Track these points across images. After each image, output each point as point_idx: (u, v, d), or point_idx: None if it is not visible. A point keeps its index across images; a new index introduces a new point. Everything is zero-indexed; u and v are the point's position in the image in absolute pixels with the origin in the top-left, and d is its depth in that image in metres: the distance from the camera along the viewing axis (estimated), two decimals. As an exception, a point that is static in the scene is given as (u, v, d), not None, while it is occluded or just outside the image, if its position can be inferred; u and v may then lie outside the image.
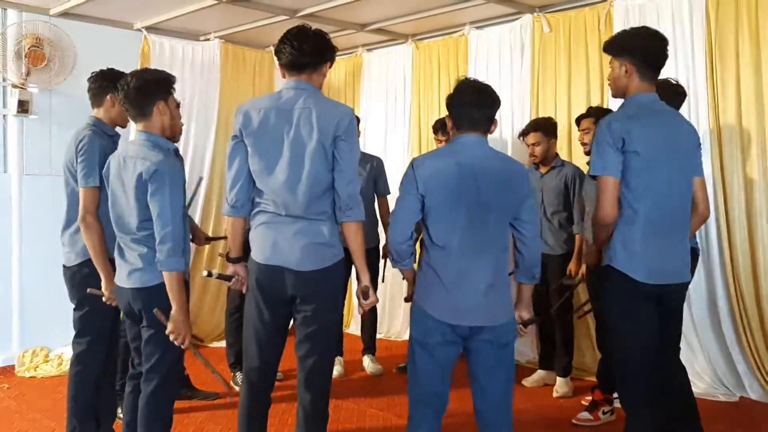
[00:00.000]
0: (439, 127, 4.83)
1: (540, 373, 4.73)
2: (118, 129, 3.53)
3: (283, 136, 2.72)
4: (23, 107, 5.04)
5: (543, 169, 4.54)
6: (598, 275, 3.09)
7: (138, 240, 2.85)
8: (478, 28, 5.67)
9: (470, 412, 2.76)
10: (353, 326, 6.14)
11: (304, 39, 2.78)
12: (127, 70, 5.36)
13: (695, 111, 4.52)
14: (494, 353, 2.62)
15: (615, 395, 3.80)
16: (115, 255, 3.00)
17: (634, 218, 2.75)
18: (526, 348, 5.32)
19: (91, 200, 3.23)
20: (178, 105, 3.15)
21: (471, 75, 5.60)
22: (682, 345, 4.55)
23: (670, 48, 4.62)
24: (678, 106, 3.43)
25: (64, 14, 5.21)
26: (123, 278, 2.93)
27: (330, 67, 2.90)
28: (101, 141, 3.29)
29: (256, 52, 6.39)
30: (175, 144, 3.15)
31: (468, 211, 2.57)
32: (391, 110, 6.33)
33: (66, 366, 5.04)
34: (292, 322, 2.94)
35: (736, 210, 4.38)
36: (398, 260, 2.73)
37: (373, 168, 4.85)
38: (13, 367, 5.02)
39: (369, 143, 6.37)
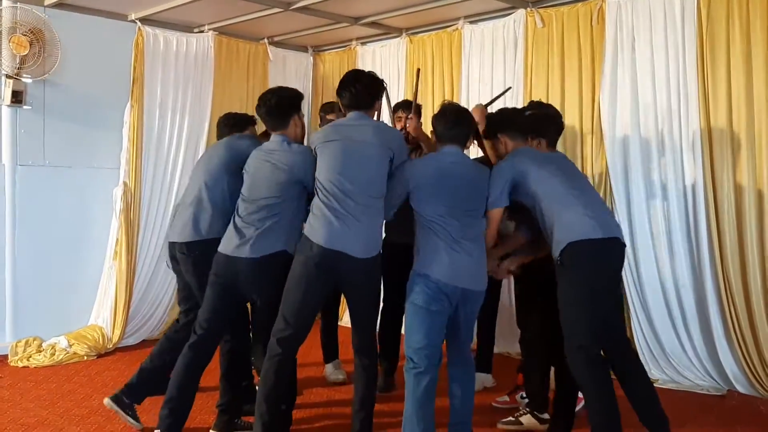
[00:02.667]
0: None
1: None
2: None
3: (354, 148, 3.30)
4: (17, 98, 5.01)
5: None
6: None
7: (269, 216, 3.35)
8: (471, 22, 5.69)
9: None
10: (346, 318, 6.15)
11: (356, 84, 3.40)
12: (122, 62, 5.45)
13: (685, 109, 4.55)
14: (470, 315, 3.32)
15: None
16: (237, 229, 3.37)
17: None
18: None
19: None
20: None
21: (464, 69, 5.67)
22: (671, 337, 4.66)
23: (662, 44, 4.68)
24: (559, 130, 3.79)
25: (59, 5, 5.19)
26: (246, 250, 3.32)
27: (381, 100, 3.56)
28: None
29: (250, 45, 6.39)
30: None
31: (448, 201, 3.20)
32: (384, 104, 6.30)
33: (58, 356, 5.07)
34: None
35: (726, 207, 4.40)
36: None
37: None
38: (6, 356, 5.01)
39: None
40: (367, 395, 3.35)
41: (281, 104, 3.45)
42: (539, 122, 3.62)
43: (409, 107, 4.87)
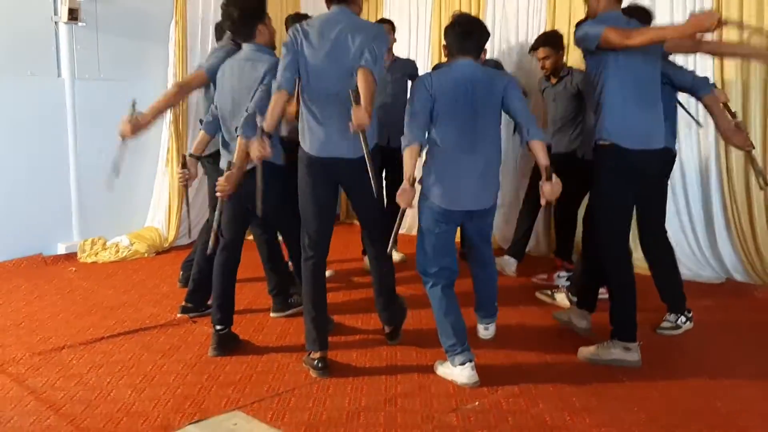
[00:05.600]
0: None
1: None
2: None
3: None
4: (72, 15, 5.35)
5: (553, 80, 4.88)
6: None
7: None
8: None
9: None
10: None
11: None
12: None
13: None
14: (482, 228, 3.39)
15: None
16: (226, 146, 3.61)
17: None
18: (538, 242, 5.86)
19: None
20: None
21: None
22: (677, 231, 5.11)
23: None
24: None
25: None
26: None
27: None
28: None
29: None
30: None
31: (458, 116, 3.15)
32: (413, 19, 6.67)
33: (122, 253, 5.62)
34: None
35: (732, 108, 4.73)
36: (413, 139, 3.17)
37: (408, 68, 5.27)
38: (75, 254, 5.56)
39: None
40: (383, 282, 3.60)
41: (244, 16, 3.50)
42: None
43: None
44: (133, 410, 2.92)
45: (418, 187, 3.15)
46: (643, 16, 3.82)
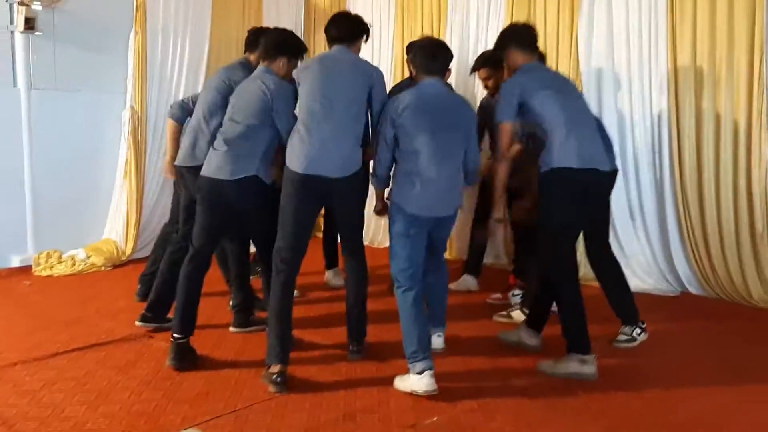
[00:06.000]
0: None
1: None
2: None
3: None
4: (29, 24, 5.27)
5: (498, 98, 4.92)
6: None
7: (245, 140, 3.61)
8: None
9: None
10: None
11: (342, 22, 3.69)
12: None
13: (655, 51, 5.06)
14: (444, 234, 3.70)
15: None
16: (216, 153, 3.61)
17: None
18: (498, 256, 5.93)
19: None
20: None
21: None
22: (633, 246, 5.21)
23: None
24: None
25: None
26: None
27: (365, 41, 3.76)
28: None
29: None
30: None
31: (428, 129, 3.37)
32: (375, 34, 6.67)
33: (78, 267, 5.52)
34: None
35: (687, 130, 4.94)
36: (379, 182, 3.60)
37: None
38: (30, 267, 5.44)
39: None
40: (359, 292, 3.72)
41: (277, 42, 3.72)
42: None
43: None
44: (87, 428, 2.85)
45: None
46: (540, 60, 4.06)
